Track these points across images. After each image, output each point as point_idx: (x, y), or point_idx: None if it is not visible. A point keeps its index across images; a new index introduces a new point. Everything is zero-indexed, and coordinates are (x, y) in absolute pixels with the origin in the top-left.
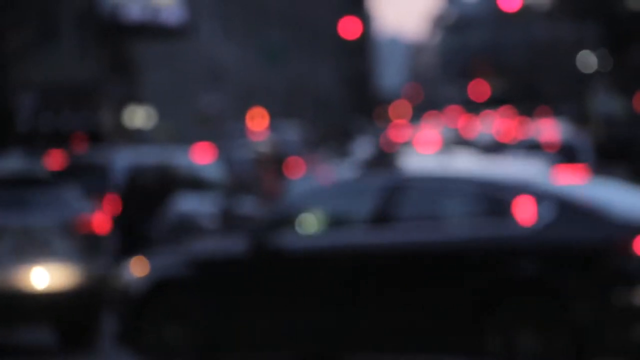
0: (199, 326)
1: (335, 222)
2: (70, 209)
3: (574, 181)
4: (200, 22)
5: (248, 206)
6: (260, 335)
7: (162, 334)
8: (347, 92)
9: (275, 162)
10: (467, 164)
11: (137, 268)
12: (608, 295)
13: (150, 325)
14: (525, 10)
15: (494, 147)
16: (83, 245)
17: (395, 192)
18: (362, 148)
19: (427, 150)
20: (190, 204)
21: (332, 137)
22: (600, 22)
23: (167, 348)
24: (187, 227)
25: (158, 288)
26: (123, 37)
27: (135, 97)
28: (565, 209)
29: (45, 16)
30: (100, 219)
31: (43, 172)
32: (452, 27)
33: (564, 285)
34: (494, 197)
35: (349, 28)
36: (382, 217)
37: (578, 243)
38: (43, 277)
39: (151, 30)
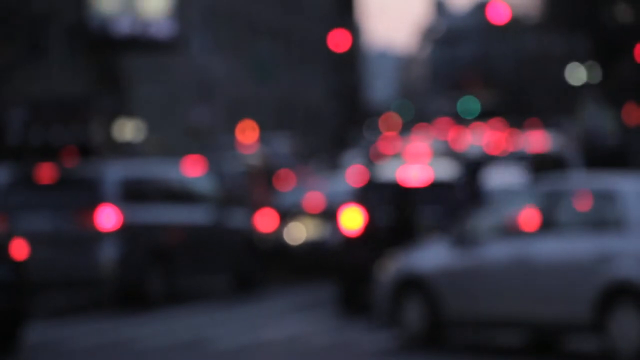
0: None
1: None
2: None
3: None
4: (190, 35)
5: (238, 218)
6: None
7: None
8: (337, 105)
9: (265, 175)
10: None
11: None
12: None
13: None
14: (514, 23)
15: (484, 159)
16: None
17: None
18: (353, 160)
19: (415, 162)
20: None
21: (323, 150)
22: (589, 35)
23: None
24: None
25: None
26: (113, 51)
27: (126, 111)
28: None
29: (35, 30)
30: None
31: None
32: (441, 39)
33: None
34: None
35: (338, 41)
36: None
37: None
38: None
39: (141, 44)
